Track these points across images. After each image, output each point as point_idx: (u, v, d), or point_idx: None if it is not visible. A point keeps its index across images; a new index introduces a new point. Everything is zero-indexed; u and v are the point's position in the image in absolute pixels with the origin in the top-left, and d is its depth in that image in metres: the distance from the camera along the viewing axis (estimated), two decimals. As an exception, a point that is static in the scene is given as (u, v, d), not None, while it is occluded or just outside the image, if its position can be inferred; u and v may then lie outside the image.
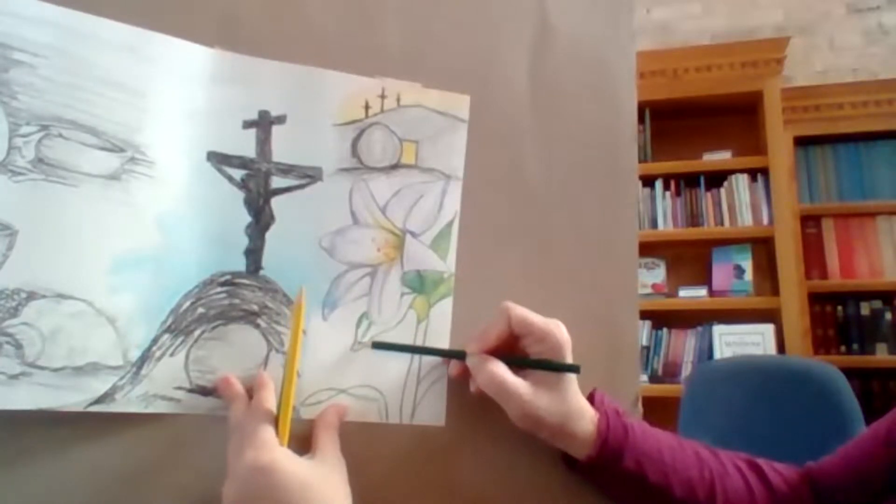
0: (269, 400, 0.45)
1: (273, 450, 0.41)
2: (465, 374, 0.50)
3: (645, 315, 2.38)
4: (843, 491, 0.52)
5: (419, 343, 0.51)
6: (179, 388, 0.46)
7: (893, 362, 2.26)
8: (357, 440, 0.47)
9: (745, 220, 2.38)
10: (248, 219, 0.49)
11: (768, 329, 2.27)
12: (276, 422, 0.44)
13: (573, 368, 0.48)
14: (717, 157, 2.45)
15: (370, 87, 0.52)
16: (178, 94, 0.48)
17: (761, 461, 0.54)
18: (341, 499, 0.43)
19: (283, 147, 0.50)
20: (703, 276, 2.46)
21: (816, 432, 1.40)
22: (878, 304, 2.33)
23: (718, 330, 2.33)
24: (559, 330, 0.48)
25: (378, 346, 0.50)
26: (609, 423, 0.48)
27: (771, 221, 2.32)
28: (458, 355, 0.50)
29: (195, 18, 0.50)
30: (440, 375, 0.51)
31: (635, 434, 0.49)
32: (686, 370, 2.34)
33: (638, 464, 0.48)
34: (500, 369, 0.47)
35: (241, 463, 0.41)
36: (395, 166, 0.52)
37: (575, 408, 0.48)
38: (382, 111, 0.53)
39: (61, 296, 0.43)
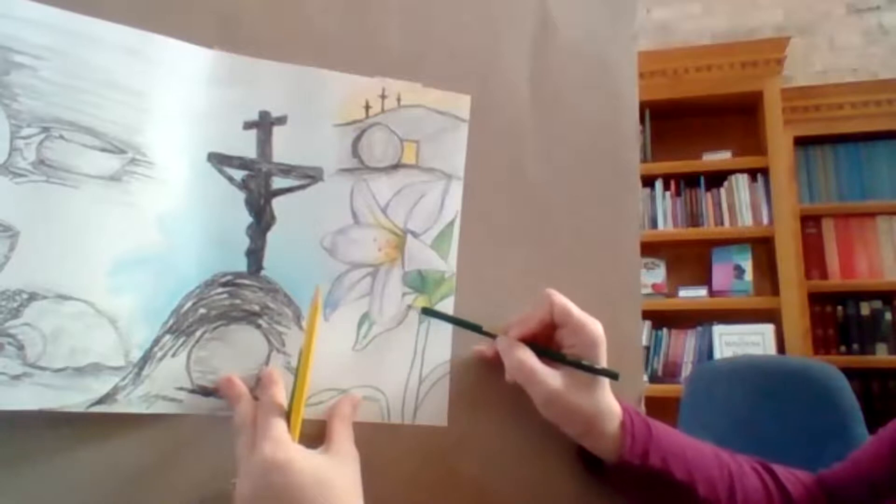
0: (281, 396, 0.45)
1: (289, 447, 0.41)
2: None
3: (645, 315, 2.34)
4: (854, 496, 0.52)
5: (421, 344, 0.51)
6: (181, 388, 0.46)
7: (893, 362, 2.26)
8: (358, 440, 0.47)
9: (745, 220, 2.38)
10: (248, 219, 0.49)
11: (768, 329, 2.27)
12: (287, 418, 0.44)
13: (611, 374, 0.47)
14: (717, 157, 2.45)
15: (370, 87, 0.52)
16: (179, 96, 0.48)
17: (774, 465, 0.54)
18: (355, 494, 0.42)
19: (284, 147, 0.50)
20: (703, 276, 2.46)
21: (816, 432, 1.40)
22: (878, 304, 2.33)
23: (718, 330, 2.34)
24: (595, 325, 0.48)
25: (427, 312, 0.51)
26: (633, 421, 0.48)
27: (771, 221, 2.32)
28: (494, 336, 0.50)
29: (195, 18, 0.50)
30: (442, 375, 0.51)
31: (658, 431, 0.49)
32: (686, 370, 2.34)
33: (664, 461, 0.47)
34: (528, 356, 0.47)
35: (256, 459, 0.41)
36: (396, 166, 0.52)
37: (605, 407, 0.47)
38: (383, 111, 0.53)
39: (62, 297, 0.43)
